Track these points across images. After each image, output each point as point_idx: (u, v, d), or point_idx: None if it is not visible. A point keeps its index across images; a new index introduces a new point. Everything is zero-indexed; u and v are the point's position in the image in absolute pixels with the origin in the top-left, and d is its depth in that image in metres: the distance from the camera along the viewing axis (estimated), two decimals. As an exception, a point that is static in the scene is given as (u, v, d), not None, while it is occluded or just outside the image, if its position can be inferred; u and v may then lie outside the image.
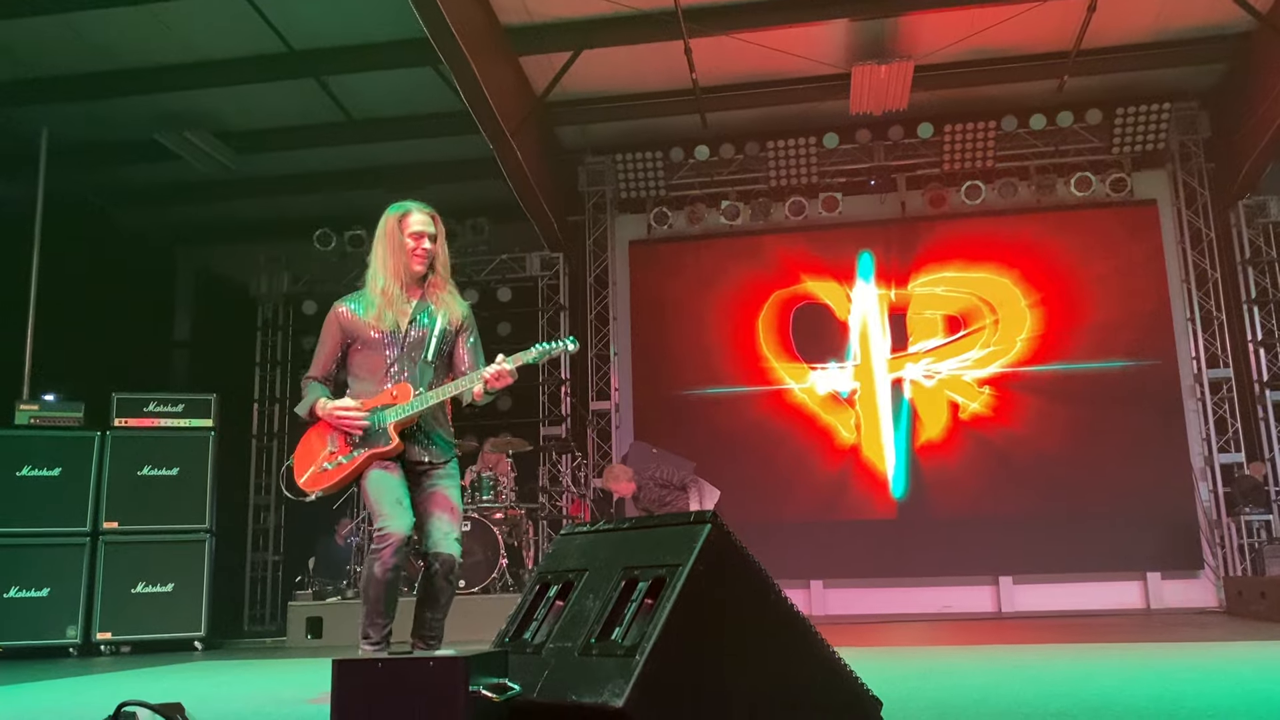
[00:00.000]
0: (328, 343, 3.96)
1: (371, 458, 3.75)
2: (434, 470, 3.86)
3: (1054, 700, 3.33)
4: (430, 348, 3.89)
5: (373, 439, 3.75)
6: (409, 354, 3.88)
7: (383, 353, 3.88)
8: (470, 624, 7.34)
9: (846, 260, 10.57)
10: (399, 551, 3.67)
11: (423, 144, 10.38)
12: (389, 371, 3.86)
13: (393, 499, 3.72)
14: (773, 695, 2.14)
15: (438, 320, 3.93)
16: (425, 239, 3.93)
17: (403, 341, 3.88)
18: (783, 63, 9.20)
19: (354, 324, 3.91)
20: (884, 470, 10.15)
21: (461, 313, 4.03)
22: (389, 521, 3.67)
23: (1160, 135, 10.08)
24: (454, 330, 4.00)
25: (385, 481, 3.74)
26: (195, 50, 8.80)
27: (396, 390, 3.81)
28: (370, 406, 3.80)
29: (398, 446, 3.75)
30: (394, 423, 3.75)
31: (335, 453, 3.79)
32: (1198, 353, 9.96)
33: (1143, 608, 9.57)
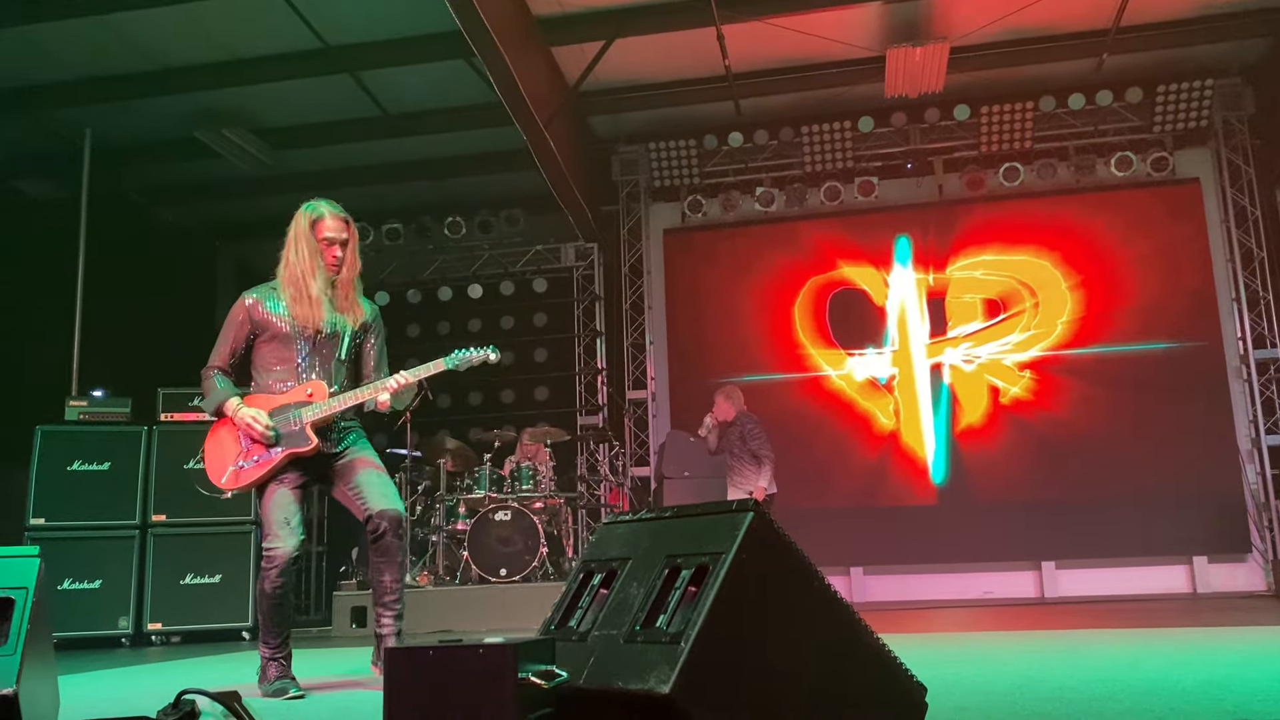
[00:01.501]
0: (231, 334, 4.02)
1: (290, 456, 3.85)
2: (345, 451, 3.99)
3: (1099, 685, 3.31)
4: (343, 347, 4.01)
5: (291, 439, 3.84)
6: (320, 351, 3.97)
7: (293, 347, 3.96)
8: (510, 612, 7.43)
9: (883, 245, 10.50)
10: (285, 572, 3.82)
11: (457, 136, 10.43)
12: (299, 367, 3.95)
13: (282, 518, 3.84)
14: (817, 681, 2.15)
15: (348, 320, 4.03)
16: (337, 247, 4.03)
17: (314, 338, 3.97)
18: (816, 47, 9.15)
19: (264, 317, 3.98)
20: (924, 456, 10.09)
21: (369, 314, 4.13)
22: (276, 542, 3.82)
23: (1203, 112, 9.90)
24: (362, 331, 4.09)
25: (278, 500, 3.85)
26: (232, 48, 8.90)
27: (312, 389, 3.90)
28: (280, 404, 3.89)
29: (316, 447, 3.85)
30: (310, 422, 3.84)
31: (249, 451, 3.87)
32: (1244, 333, 9.79)
33: (1189, 592, 9.46)
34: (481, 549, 7.87)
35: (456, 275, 11.45)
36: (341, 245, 4.04)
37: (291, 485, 3.89)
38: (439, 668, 1.97)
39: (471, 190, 11.40)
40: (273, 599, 3.85)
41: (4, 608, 2.69)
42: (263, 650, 3.90)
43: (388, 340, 4.25)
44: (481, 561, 7.84)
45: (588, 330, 11.24)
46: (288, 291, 3.98)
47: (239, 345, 4.01)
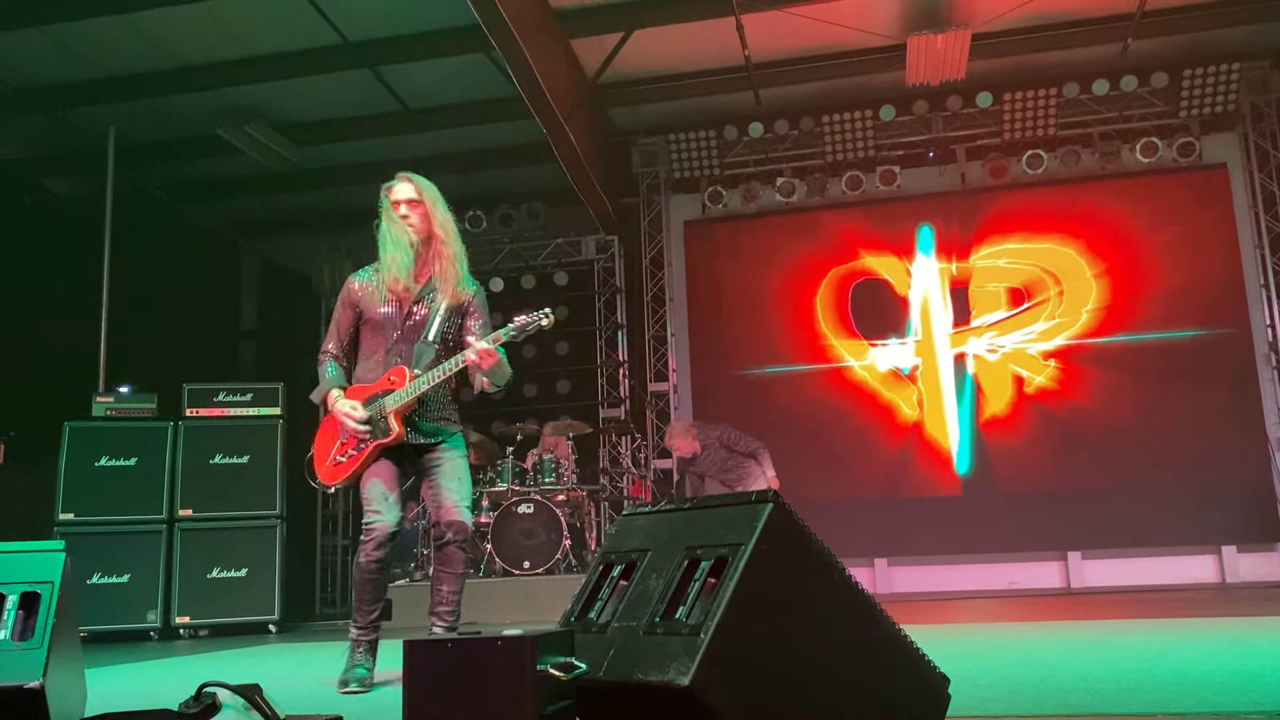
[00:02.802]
0: (340, 318, 4.01)
1: (377, 448, 3.83)
2: (437, 447, 3.91)
3: (1126, 675, 3.28)
4: (432, 328, 3.88)
5: (376, 429, 3.81)
6: (410, 335, 3.89)
7: (386, 331, 3.91)
8: (534, 605, 7.45)
9: (906, 234, 10.43)
10: (383, 545, 3.80)
11: (477, 130, 10.44)
12: (389, 352, 3.89)
13: (380, 494, 3.82)
14: (838, 672, 2.14)
15: (441, 297, 3.91)
16: (403, 205, 3.94)
17: (404, 322, 3.90)
18: (836, 35, 9.08)
19: (364, 298, 3.95)
20: (948, 446, 10.03)
21: (469, 293, 4.00)
22: (375, 517, 3.81)
23: (1230, 97, 9.76)
24: (461, 311, 3.97)
25: (376, 477, 3.83)
26: (252, 45, 8.95)
27: (394, 375, 3.84)
28: (370, 394, 3.84)
29: (399, 435, 3.80)
30: (394, 410, 3.79)
31: (345, 445, 3.88)
32: (1272, 320, 9.66)
33: (1218, 582, 9.36)
34: (504, 541, 7.90)
35: (478, 269, 11.30)
36: (409, 204, 3.95)
37: (390, 464, 3.87)
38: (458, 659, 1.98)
39: (492, 184, 11.41)
40: (366, 572, 3.83)
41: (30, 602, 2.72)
42: (351, 630, 3.90)
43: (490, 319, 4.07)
44: (504, 554, 7.87)
45: (609, 323, 11.24)
46: (381, 273, 3.95)
47: (345, 328, 4.00)
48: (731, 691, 1.96)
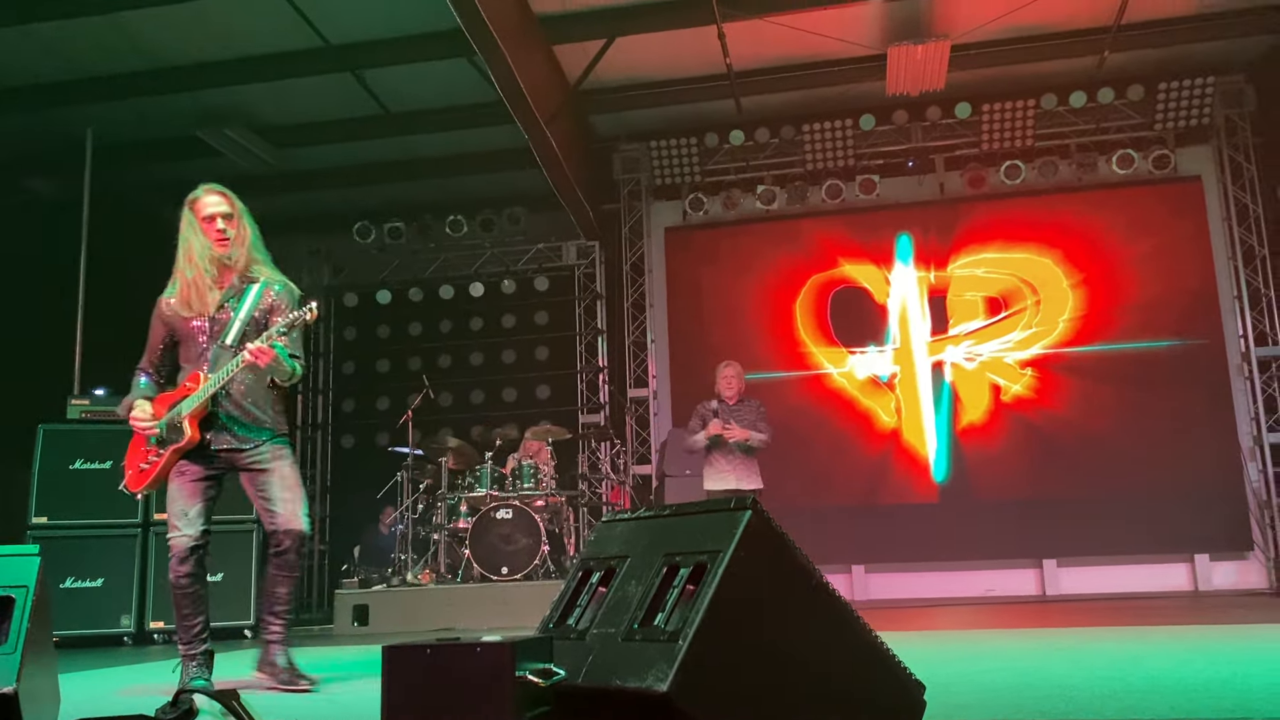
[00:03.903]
0: (151, 334, 4.09)
1: (175, 453, 3.87)
2: (255, 450, 3.95)
3: (1101, 683, 3.31)
4: (231, 331, 3.92)
5: (172, 434, 3.86)
6: (214, 340, 3.95)
7: (197, 341, 3.98)
8: (513, 610, 7.43)
9: (885, 243, 10.49)
10: (186, 560, 3.87)
11: (458, 135, 10.43)
12: (199, 360, 3.95)
13: (179, 510, 3.88)
14: (815, 680, 2.15)
15: (245, 303, 3.97)
16: (219, 220, 3.99)
17: (212, 329, 3.96)
18: (817, 45, 9.14)
19: (173, 315, 4.01)
20: (925, 454, 10.09)
21: (275, 293, 4.05)
22: (173, 533, 3.89)
23: (1205, 110, 9.88)
24: (267, 309, 4.01)
25: (174, 493, 3.89)
26: (233, 47, 8.91)
27: (190, 381, 3.91)
28: (171, 401, 3.90)
29: (193, 439, 3.83)
30: (189, 415, 3.83)
31: (148, 452, 3.93)
32: (1245, 331, 9.78)
33: (1191, 590, 9.45)
34: (483, 547, 7.88)
35: (458, 274, 11.46)
36: (224, 218, 4.01)
37: (192, 479, 3.90)
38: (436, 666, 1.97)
39: (473, 189, 11.40)
40: (178, 588, 3.91)
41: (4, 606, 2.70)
42: (179, 646, 3.97)
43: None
44: (483, 559, 7.85)
45: (589, 328, 11.24)
46: (180, 283, 4.00)
47: (156, 344, 4.06)
48: (709, 698, 1.97)
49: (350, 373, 12.01)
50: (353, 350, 12.03)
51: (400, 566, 8.52)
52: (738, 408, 7.05)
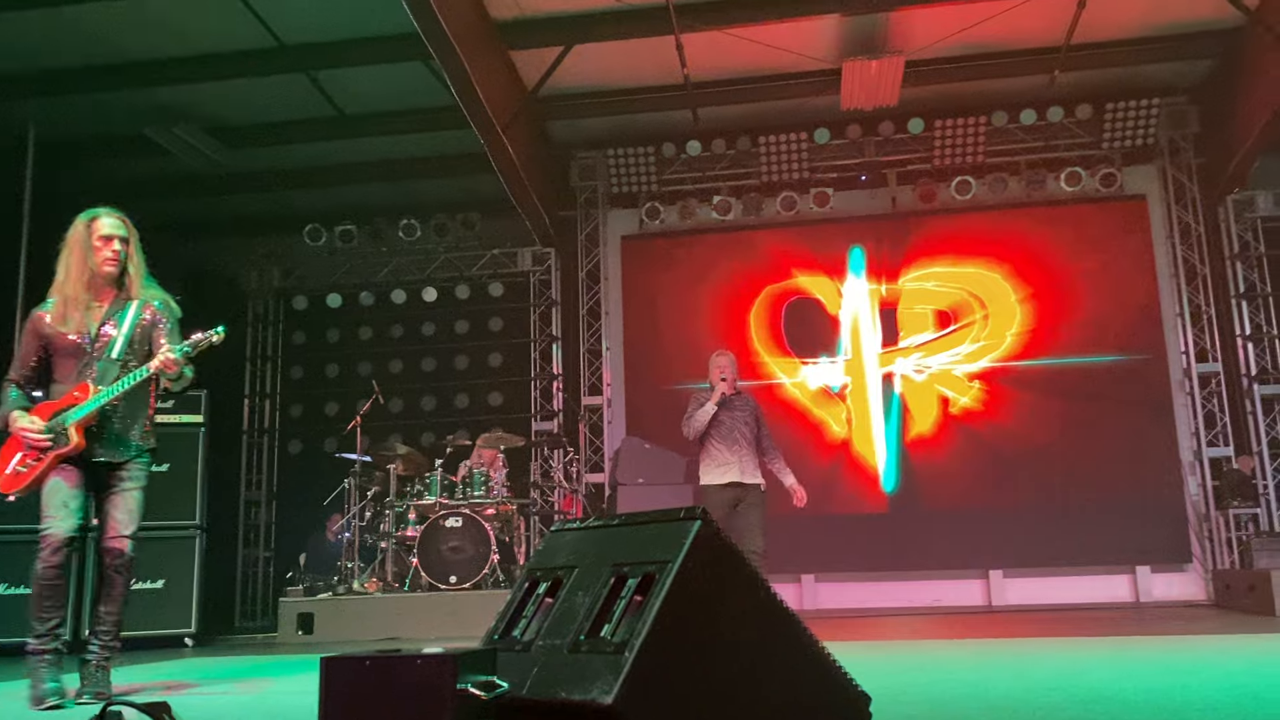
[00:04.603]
0: (25, 347, 4.16)
1: (56, 458, 3.96)
2: (121, 469, 4.09)
3: (1044, 694, 3.35)
4: (116, 346, 4.07)
5: (57, 440, 3.95)
6: (98, 356, 4.06)
7: (76, 356, 4.07)
8: (460, 620, 7.36)
9: (838, 255, 10.58)
10: (59, 550, 3.93)
11: (413, 139, 10.36)
12: (79, 374, 4.05)
13: (59, 502, 3.97)
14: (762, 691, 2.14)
15: (128, 319, 4.12)
16: (115, 241, 4.14)
17: (93, 344, 4.06)
18: (774, 58, 9.20)
19: (50, 330, 4.09)
20: (875, 465, 10.17)
21: (155, 306, 4.22)
22: (51, 523, 3.95)
23: (1150, 130, 10.10)
24: (148, 325, 4.18)
25: (56, 486, 3.98)
26: (185, 44, 8.76)
27: (78, 391, 4.00)
28: (54, 410, 3.99)
29: (78, 445, 3.95)
30: (74, 423, 3.94)
31: (26, 456, 4.01)
32: (1187, 347, 9.99)
33: (1132, 601, 9.61)
34: (431, 555, 7.79)
35: (411, 278, 11.35)
36: (120, 241, 4.15)
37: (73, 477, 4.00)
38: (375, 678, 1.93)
39: (427, 193, 11.32)
40: (44, 580, 3.94)
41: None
42: (30, 642, 3.96)
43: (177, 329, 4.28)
44: (431, 568, 7.76)
45: (544, 335, 11.19)
46: (61, 302, 4.08)
47: (30, 358, 4.12)
48: (655, 711, 1.95)
49: (299, 377, 11.83)
50: (301, 354, 11.86)
51: (346, 574, 8.40)
52: (735, 399, 6.59)
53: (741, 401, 6.66)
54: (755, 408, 6.74)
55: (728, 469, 6.39)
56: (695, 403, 6.59)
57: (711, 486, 6.39)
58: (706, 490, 6.44)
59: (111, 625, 4.06)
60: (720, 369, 6.57)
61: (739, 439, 6.48)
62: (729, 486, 6.34)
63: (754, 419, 6.61)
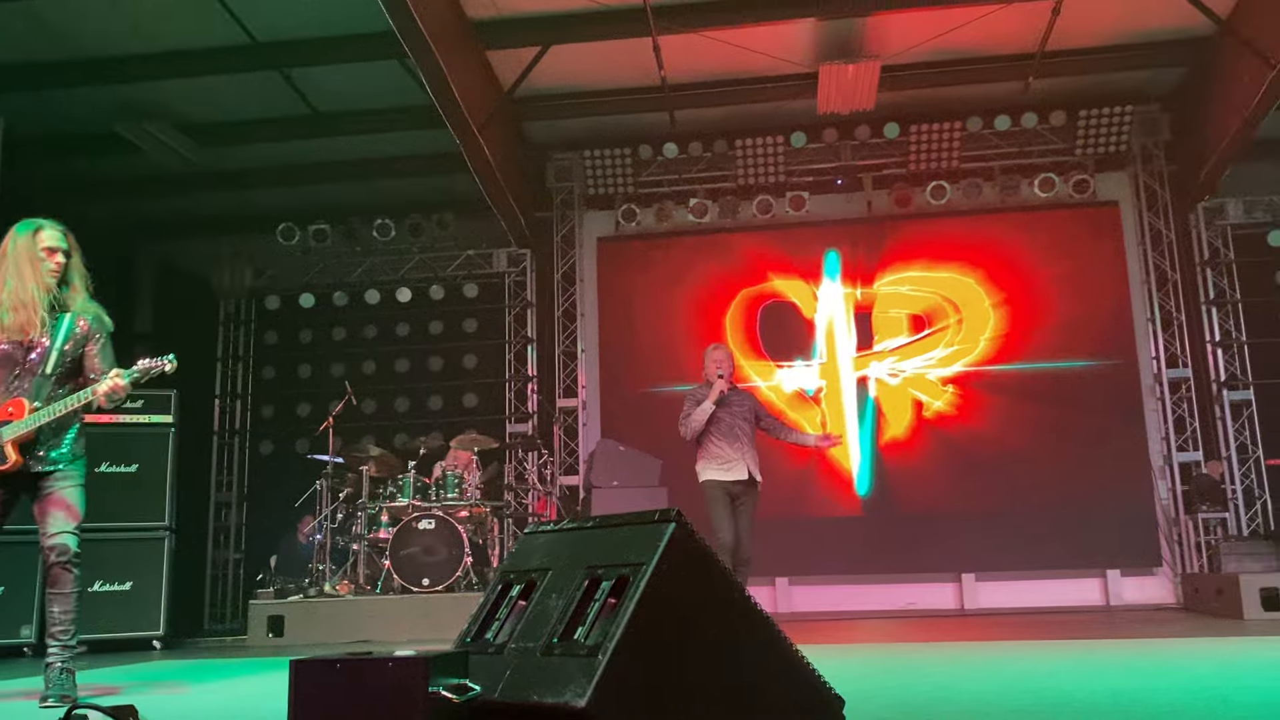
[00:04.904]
0: None
1: None
2: (53, 474, 4.09)
3: (1015, 697, 3.36)
4: (49, 361, 4.11)
5: None
6: (31, 370, 4.09)
7: (8, 367, 4.09)
8: (434, 623, 7.31)
9: (813, 259, 10.61)
10: None
11: (388, 138, 10.28)
12: (10, 386, 4.07)
13: None
14: (735, 694, 2.13)
15: (61, 331, 4.15)
16: (59, 254, 4.18)
17: (26, 357, 4.09)
18: (751, 61, 9.21)
19: None
20: (849, 468, 10.20)
21: (89, 320, 4.25)
22: None
23: (1122, 137, 10.20)
24: (81, 338, 4.21)
25: None
26: (156, 41, 8.66)
27: (12, 406, 4.03)
28: None
29: (16, 463, 3.99)
30: (10, 440, 3.98)
31: None
32: (1158, 353, 10.09)
33: (1103, 604, 9.68)
34: (404, 558, 7.74)
35: (384, 278, 11.28)
36: (64, 253, 4.19)
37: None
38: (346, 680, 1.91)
39: (402, 192, 11.24)
40: None
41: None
42: None
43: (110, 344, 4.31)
44: (404, 571, 7.71)
45: (519, 337, 11.15)
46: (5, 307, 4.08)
47: None
48: (628, 713, 1.94)
49: (270, 378, 11.73)
50: (273, 355, 11.75)
51: (318, 577, 8.33)
52: (732, 395, 6.45)
53: (739, 397, 6.54)
54: (753, 402, 6.63)
55: (733, 466, 6.29)
56: (692, 401, 6.43)
57: (714, 481, 6.27)
58: (708, 485, 6.29)
59: (67, 624, 4.02)
60: (717, 363, 6.42)
61: (740, 435, 6.36)
62: (735, 483, 6.27)
63: (752, 414, 6.51)
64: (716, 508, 6.25)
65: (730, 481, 6.25)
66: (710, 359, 6.50)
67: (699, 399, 6.38)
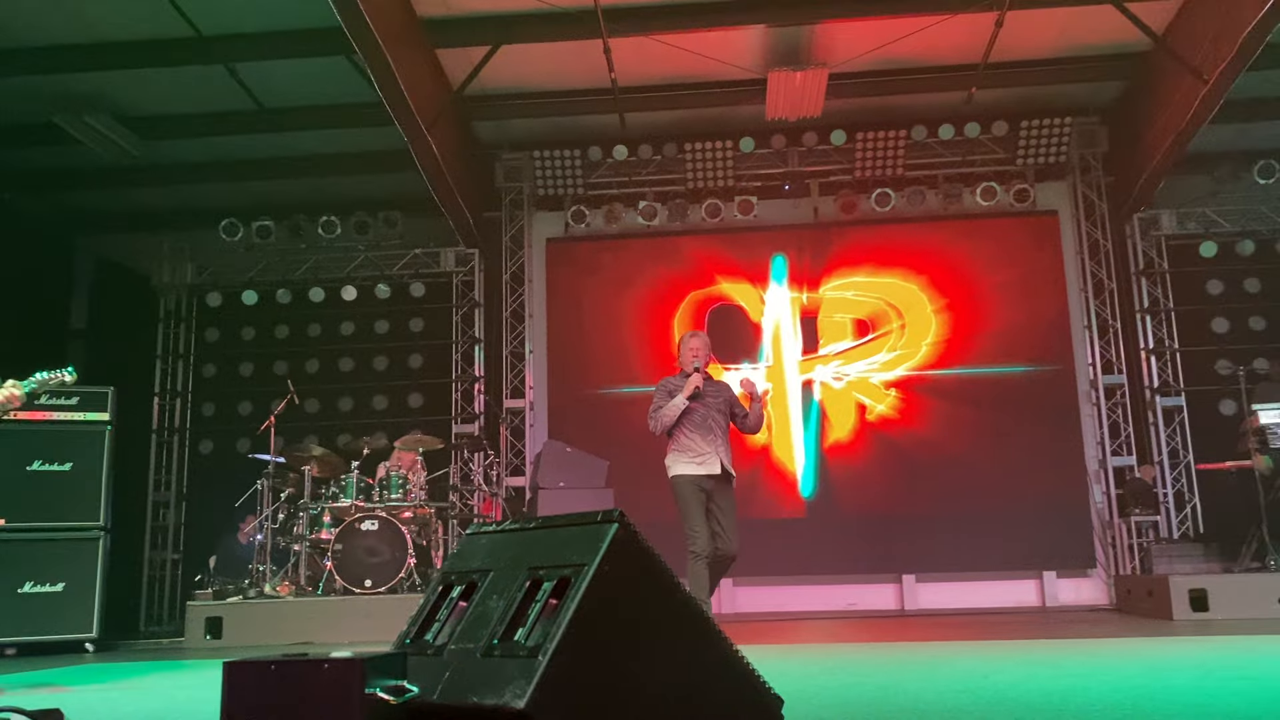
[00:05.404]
0: None
1: None
2: None
3: (952, 696, 3.42)
4: None
5: None
6: None
7: None
8: (375, 625, 7.24)
9: (761, 263, 10.70)
10: None
11: (335, 134, 10.18)
12: None
13: None
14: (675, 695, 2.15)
15: None
16: None
17: None
18: (701, 66, 9.26)
19: None
20: (794, 470, 10.29)
21: None
22: None
23: (1062, 148, 10.42)
24: None
25: None
26: (97, 31, 8.48)
27: None
28: None
29: None
30: None
31: None
32: (1094, 359, 10.32)
33: (1039, 605, 9.88)
34: (346, 559, 7.65)
35: (330, 276, 11.15)
36: None
37: None
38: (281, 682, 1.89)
39: (349, 190, 11.12)
40: None
41: None
42: None
43: None
44: (346, 572, 7.62)
45: (466, 337, 11.08)
46: None
47: None
48: (568, 715, 1.94)
49: (211, 375, 11.53)
50: (215, 352, 11.56)
51: (258, 578, 8.21)
52: (707, 385, 6.13)
53: (714, 388, 6.18)
54: (729, 393, 6.27)
55: (706, 459, 5.97)
56: (663, 393, 6.09)
57: (686, 476, 5.94)
58: (680, 480, 5.96)
59: None
60: (694, 352, 6.08)
61: (713, 427, 6.05)
62: (707, 477, 5.94)
63: (727, 406, 6.16)
64: (689, 505, 5.89)
65: (703, 476, 5.93)
66: (687, 347, 6.17)
67: (671, 390, 6.06)
